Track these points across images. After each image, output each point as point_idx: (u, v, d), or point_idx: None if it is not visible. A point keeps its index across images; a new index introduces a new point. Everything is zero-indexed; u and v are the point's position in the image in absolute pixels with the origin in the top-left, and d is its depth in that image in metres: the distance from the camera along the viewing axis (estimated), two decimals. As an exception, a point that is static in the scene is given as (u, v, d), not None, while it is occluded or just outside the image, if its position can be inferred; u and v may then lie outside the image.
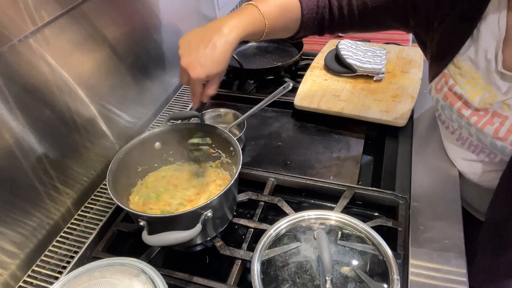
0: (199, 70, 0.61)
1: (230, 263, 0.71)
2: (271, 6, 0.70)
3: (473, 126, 0.69)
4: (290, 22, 0.74)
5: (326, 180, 0.85)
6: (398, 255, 0.68)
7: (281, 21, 0.72)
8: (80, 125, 0.83)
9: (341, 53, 1.14)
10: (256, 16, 0.67)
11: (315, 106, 1.04)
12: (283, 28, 0.74)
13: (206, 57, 0.61)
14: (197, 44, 0.62)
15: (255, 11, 0.67)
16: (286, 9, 0.72)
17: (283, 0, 0.72)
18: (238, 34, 0.64)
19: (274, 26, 0.70)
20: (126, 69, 0.97)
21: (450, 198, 0.78)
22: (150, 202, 0.78)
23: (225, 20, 0.65)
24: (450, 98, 0.71)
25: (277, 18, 0.70)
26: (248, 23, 0.65)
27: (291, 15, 0.73)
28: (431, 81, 0.77)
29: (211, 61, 0.62)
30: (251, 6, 0.68)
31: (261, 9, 0.68)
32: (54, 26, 0.73)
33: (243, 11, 0.67)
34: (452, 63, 0.70)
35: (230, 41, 0.63)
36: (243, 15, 0.66)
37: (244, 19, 0.65)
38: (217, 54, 0.62)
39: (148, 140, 0.83)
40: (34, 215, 0.75)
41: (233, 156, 0.80)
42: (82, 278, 0.60)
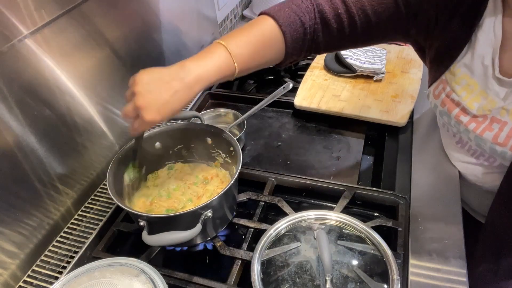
0: (154, 114, 0.58)
1: (230, 263, 0.71)
2: (243, 45, 0.62)
3: (471, 132, 0.69)
4: (270, 57, 0.67)
5: (326, 180, 0.85)
6: (398, 255, 0.68)
7: (258, 58, 0.65)
8: (80, 125, 0.83)
9: (341, 53, 1.14)
10: (224, 62, 0.61)
11: (315, 106, 1.04)
12: (261, 64, 0.67)
13: (165, 104, 0.58)
14: (158, 88, 0.58)
15: (223, 54, 0.61)
16: (264, 45, 0.64)
17: (260, 35, 0.64)
18: (202, 86, 0.61)
19: (249, 67, 0.64)
20: (126, 69, 0.96)
21: (450, 198, 0.78)
22: (161, 200, 0.78)
23: (190, 67, 0.60)
24: (448, 105, 0.71)
25: (250, 57, 0.63)
26: (215, 72, 0.60)
27: (271, 50, 0.66)
28: (430, 86, 0.77)
29: (169, 109, 0.59)
30: (219, 47, 0.61)
31: (231, 51, 0.61)
32: (54, 26, 0.73)
33: (210, 55, 0.61)
34: (448, 70, 0.70)
35: (192, 93, 0.60)
36: (210, 61, 0.60)
37: (211, 68, 0.60)
38: (177, 103, 0.59)
39: (148, 140, 0.83)
40: (34, 215, 0.75)
41: (233, 156, 0.80)
42: (82, 278, 0.60)
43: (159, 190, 0.82)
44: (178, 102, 0.59)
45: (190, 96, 0.60)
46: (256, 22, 0.65)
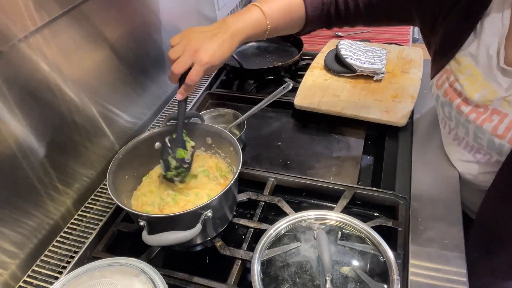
0: (209, 57, 0.66)
1: (230, 263, 0.71)
2: (273, 8, 0.73)
3: (472, 123, 0.69)
4: (293, 21, 0.77)
5: (326, 180, 0.85)
6: (398, 255, 0.68)
7: (284, 21, 0.75)
8: (80, 125, 0.83)
9: (341, 53, 1.14)
10: (258, 19, 0.71)
11: (315, 106, 1.04)
12: (286, 27, 0.77)
13: (216, 50, 0.66)
14: (208, 38, 0.67)
15: (258, 13, 0.71)
16: (289, 9, 0.75)
17: (287, 1, 0.75)
18: (242, 38, 0.70)
19: (277, 26, 0.74)
20: (126, 69, 0.97)
21: (450, 198, 0.78)
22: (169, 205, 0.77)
23: (231, 22, 0.69)
24: (450, 94, 0.71)
25: (279, 18, 0.74)
26: (251, 27, 0.70)
27: (295, 15, 0.76)
28: (433, 78, 0.77)
29: (219, 55, 0.67)
30: (254, 8, 0.72)
31: (264, 11, 0.71)
32: (54, 26, 0.73)
33: (246, 13, 0.71)
34: (453, 59, 0.70)
35: (235, 43, 0.69)
36: (247, 17, 0.70)
37: (248, 23, 0.70)
38: (225, 50, 0.68)
39: (148, 140, 0.83)
40: (34, 215, 0.75)
41: (233, 156, 0.80)
42: (82, 278, 0.60)
43: (161, 195, 0.80)
44: (226, 49, 0.68)
45: (233, 46, 0.69)
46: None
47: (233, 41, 0.68)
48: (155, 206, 0.77)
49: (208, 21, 1.39)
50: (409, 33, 1.55)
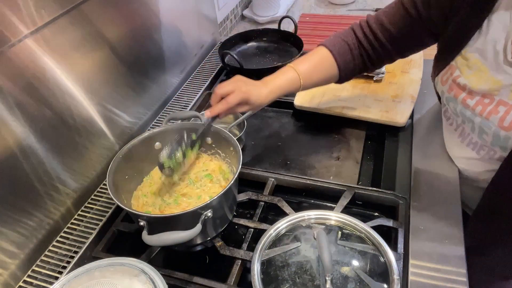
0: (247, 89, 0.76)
1: (230, 263, 0.71)
2: (306, 65, 0.83)
3: (477, 117, 0.69)
4: (327, 72, 0.85)
5: (326, 180, 0.85)
6: (398, 255, 0.68)
7: (317, 74, 0.84)
8: (80, 125, 0.83)
9: (341, 53, 1.14)
10: (292, 77, 0.81)
11: (315, 106, 1.04)
12: (321, 78, 0.85)
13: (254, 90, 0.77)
14: (251, 83, 0.79)
15: (292, 72, 0.81)
16: (320, 63, 0.84)
17: (317, 57, 0.84)
18: (279, 93, 0.80)
19: (311, 79, 0.83)
20: (126, 69, 0.97)
21: (450, 198, 0.78)
22: (170, 207, 0.77)
23: (269, 81, 0.80)
24: (455, 90, 0.72)
25: (312, 73, 0.83)
26: (286, 84, 0.81)
27: (326, 66, 0.84)
28: (437, 75, 0.78)
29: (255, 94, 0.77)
30: (290, 68, 0.82)
31: (297, 70, 0.81)
32: (54, 26, 0.73)
33: (283, 73, 0.82)
34: (460, 55, 0.71)
35: (271, 95, 0.79)
36: (283, 77, 0.81)
37: (284, 81, 0.81)
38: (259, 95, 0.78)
39: (148, 140, 0.83)
40: (34, 215, 0.75)
41: (233, 156, 0.80)
42: (82, 278, 0.60)
43: (163, 197, 0.80)
44: (263, 96, 0.78)
45: (269, 97, 0.79)
46: (314, 51, 0.86)
47: (270, 92, 0.79)
48: (156, 207, 0.77)
49: (208, 21, 1.40)
50: (409, 33, 1.55)
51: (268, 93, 0.78)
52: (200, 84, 1.23)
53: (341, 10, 1.78)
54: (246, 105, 0.77)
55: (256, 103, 0.77)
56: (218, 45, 1.39)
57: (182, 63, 1.23)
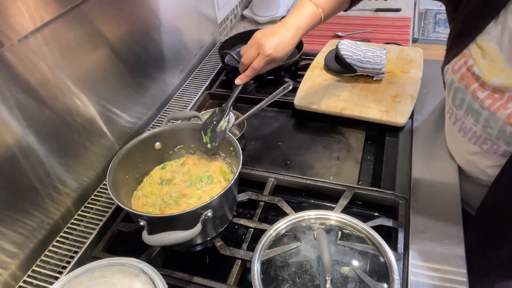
0: (272, 49, 0.77)
1: (230, 263, 0.71)
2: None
3: (485, 110, 0.68)
4: (342, 2, 0.85)
5: (326, 180, 0.85)
6: (398, 255, 0.68)
7: (334, 3, 0.83)
8: (80, 125, 0.83)
9: (341, 53, 1.14)
10: (313, 12, 0.80)
11: (315, 106, 1.04)
12: (337, 8, 0.85)
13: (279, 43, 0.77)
14: (272, 35, 0.78)
15: (311, 7, 0.80)
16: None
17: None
18: (302, 32, 0.80)
19: (329, 12, 0.83)
20: (126, 69, 0.97)
21: (450, 198, 0.78)
22: (171, 207, 0.77)
23: (290, 21, 0.80)
24: (467, 79, 0.70)
25: (330, 4, 0.82)
26: (308, 21, 0.80)
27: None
28: (448, 63, 0.76)
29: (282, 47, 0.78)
30: (307, 2, 0.80)
31: (316, 3, 0.80)
32: (54, 26, 0.73)
33: (301, 9, 0.80)
34: (475, 43, 0.69)
35: (296, 38, 0.79)
36: (302, 14, 0.80)
37: (304, 18, 0.80)
38: (287, 45, 0.78)
39: (148, 140, 0.83)
40: (34, 215, 0.75)
41: (233, 156, 0.80)
42: (82, 278, 0.60)
43: (163, 197, 0.80)
44: (287, 43, 0.78)
45: (295, 40, 0.79)
46: None
47: (294, 37, 0.78)
48: (156, 207, 0.77)
49: (208, 21, 1.40)
50: (409, 33, 1.55)
51: (292, 39, 0.78)
52: (200, 84, 1.23)
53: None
54: (273, 62, 0.79)
55: (283, 57, 0.79)
56: (218, 45, 1.40)
57: (182, 63, 1.23)
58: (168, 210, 0.76)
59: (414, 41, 1.60)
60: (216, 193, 0.67)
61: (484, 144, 0.72)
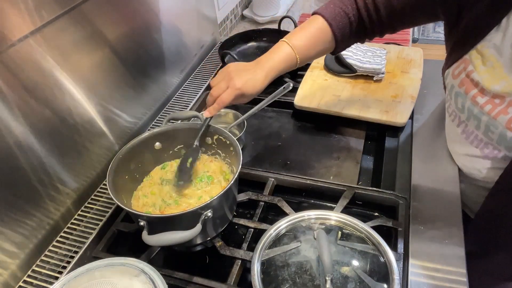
0: (242, 84, 0.74)
1: (230, 263, 0.71)
2: (301, 39, 0.79)
3: (485, 115, 0.68)
4: (323, 46, 0.81)
5: (326, 180, 0.85)
6: (398, 255, 0.68)
7: (314, 48, 0.80)
8: (80, 125, 0.83)
9: (341, 53, 1.14)
10: (288, 54, 0.78)
11: (315, 106, 1.04)
12: (317, 53, 0.82)
13: (249, 80, 0.75)
14: (244, 71, 0.76)
15: (287, 48, 0.77)
16: (317, 37, 0.79)
17: (313, 30, 0.79)
18: (274, 73, 0.78)
19: (307, 55, 0.80)
20: (126, 69, 0.97)
21: (450, 198, 0.78)
22: (171, 207, 0.77)
23: (264, 61, 0.77)
24: (466, 85, 0.70)
25: (308, 48, 0.79)
26: (282, 62, 0.78)
27: (323, 40, 0.80)
28: (449, 67, 0.76)
29: (252, 85, 0.75)
30: (283, 44, 0.78)
31: (292, 45, 0.77)
32: (54, 26, 0.73)
33: (277, 49, 0.78)
34: (475, 49, 0.69)
35: (268, 78, 0.77)
36: (277, 55, 0.78)
37: (278, 60, 0.77)
38: (258, 83, 0.76)
39: (148, 140, 0.83)
40: (34, 215, 0.75)
41: (233, 156, 0.80)
42: (82, 278, 0.60)
43: (163, 197, 0.80)
44: (258, 82, 0.75)
45: (266, 80, 0.76)
46: (309, 20, 0.81)
47: (266, 77, 0.76)
48: (156, 207, 0.77)
49: (208, 21, 1.40)
50: (409, 33, 1.55)
51: (263, 79, 0.76)
52: (200, 84, 1.23)
53: (341, 10, 1.78)
54: (242, 98, 0.76)
55: (252, 94, 0.76)
56: (218, 45, 1.39)
57: (182, 63, 1.23)
58: (168, 210, 0.76)
59: (414, 41, 1.61)
60: (216, 193, 0.66)
61: (485, 148, 0.72)
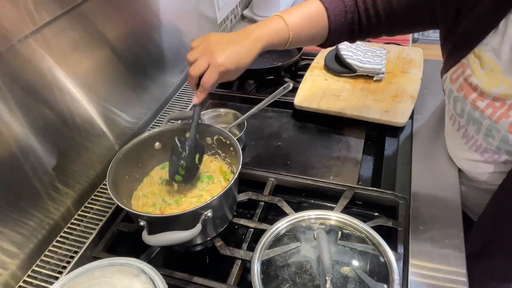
0: (224, 58, 0.65)
1: (230, 263, 0.71)
2: (296, 17, 0.73)
3: (486, 119, 0.66)
4: (316, 31, 0.76)
5: (326, 180, 0.85)
6: (398, 255, 0.68)
7: (307, 29, 0.74)
8: (80, 125, 0.83)
9: (341, 53, 1.14)
10: (280, 27, 0.71)
11: (315, 106, 1.04)
12: (309, 36, 0.76)
13: (233, 53, 0.66)
14: (226, 42, 0.67)
15: (280, 21, 0.71)
16: (312, 18, 0.74)
17: (309, 10, 0.74)
18: (262, 44, 0.70)
19: (299, 35, 0.73)
20: (126, 69, 0.97)
21: (450, 198, 0.78)
22: (171, 207, 0.77)
23: (252, 29, 0.70)
24: (465, 89, 0.69)
25: (302, 27, 0.73)
26: (273, 34, 0.70)
27: (318, 24, 0.75)
28: (447, 72, 0.75)
29: (236, 59, 0.67)
30: (277, 17, 0.72)
31: (286, 20, 0.71)
32: (54, 26, 0.73)
33: (269, 21, 0.71)
34: (472, 53, 0.68)
35: (255, 49, 0.69)
36: (268, 25, 0.71)
37: (269, 30, 0.70)
38: (243, 55, 0.67)
39: (148, 140, 0.83)
40: (34, 215, 0.75)
41: (233, 156, 0.80)
42: (82, 278, 0.60)
43: (164, 197, 0.80)
44: (243, 55, 0.67)
45: (253, 52, 0.68)
46: (306, 2, 0.76)
47: (253, 47, 0.68)
48: (157, 207, 0.77)
49: (208, 21, 1.39)
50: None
51: (250, 49, 0.67)
52: (200, 84, 1.23)
53: (341, 10, 1.78)
54: (227, 75, 0.68)
55: (239, 69, 0.68)
56: (218, 45, 1.39)
57: (182, 63, 1.23)
58: (168, 210, 0.76)
59: (414, 41, 1.61)
60: (216, 193, 0.67)
61: (485, 153, 0.72)
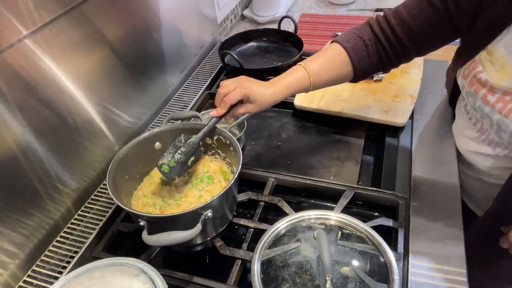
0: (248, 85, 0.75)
1: (230, 263, 0.71)
2: (317, 63, 0.80)
3: (496, 114, 0.67)
4: (339, 70, 0.81)
5: (326, 180, 0.85)
6: (398, 255, 0.68)
7: (329, 72, 0.81)
8: (80, 125, 0.83)
9: (341, 53, 1.14)
10: (302, 76, 0.79)
11: (315, 106, 1.04)
12: (333, 77, 0.82)
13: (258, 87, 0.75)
14: (256, 81, 0.77)
15: (302, 70, 0.79)
16: (332, 61, 0.81)
17: (329, 54, 0.81)
18: (287, 92, 0.78)
19: (322, 78, 0.80)
20: (126, 69, 0.97)
21: (450, 198, 0.78)
22: (171, 207, 0.77)
23: (277, 80, 0.79)
24: (475, 86, 0.70)
25: (323, 71, 0.80)
26: (296, 83, 0.78)
27: (339, 64, 0.81)
28: (460, 68, 0.75)
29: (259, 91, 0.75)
30: (299, 67, 0.80)
31: (307, 68, 0.79)
32: (54, 26, 0.73)
33: (292, 72, 0.79)
34: (485, 50, 0.69)
35: (279, 95, 0.77)
36: (291, 76, 0.79)
37: (292, 80, 0.78)
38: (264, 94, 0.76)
39: (148, 140, 0.83)
40: (34, 215, 0.75)
41: (233, 156, 0.80)
42: (82, 278, 0.60)
43: (164, 197, 0.80)
44: (268, 94, 0.76)
45: (276, 95, 0.77)
46: (327, 47, 0.83)
47: (276, 93, 0.77)
48: (157, 207, 0.77)
49: (208, 21, 1.40)
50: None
51: (273, 92, 0.76)
52: (200, 84, 1.23)
53: (341, 10, 1.78)
54: (249, 103, 0.75)
55: (259, 101, 0.75)
56: (218, 45, 1.40)
57: (182, 63, 1.23)
58: (168, 210, 0.76)
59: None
60: (216, 193, 0.67)
61: (497, 147, 0.72)
